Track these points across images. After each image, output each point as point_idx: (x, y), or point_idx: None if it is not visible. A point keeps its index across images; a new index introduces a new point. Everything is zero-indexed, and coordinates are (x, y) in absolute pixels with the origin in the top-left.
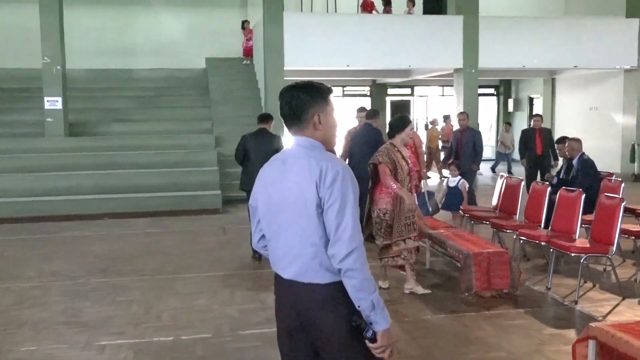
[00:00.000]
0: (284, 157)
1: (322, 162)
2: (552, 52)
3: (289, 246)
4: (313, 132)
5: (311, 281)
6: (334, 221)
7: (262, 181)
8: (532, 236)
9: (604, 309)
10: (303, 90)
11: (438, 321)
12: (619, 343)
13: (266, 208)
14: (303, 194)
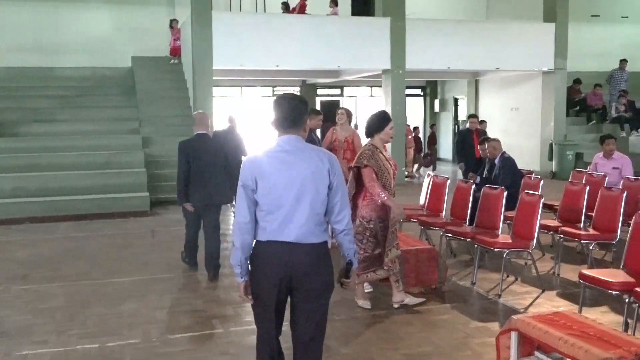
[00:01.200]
0: (286, 150)
1: (326, 154)
2: (476, 55)
3: (300, 215)
4: (302, 133)
5: (309, 242)
6: (340, 198)
7: (264, 168)
8: (458, 233)
9: (525, 302)
10: (300, 101)
11: (368, 318)
12: (539, 333)
13: (274, 188)
14: (316, 177)
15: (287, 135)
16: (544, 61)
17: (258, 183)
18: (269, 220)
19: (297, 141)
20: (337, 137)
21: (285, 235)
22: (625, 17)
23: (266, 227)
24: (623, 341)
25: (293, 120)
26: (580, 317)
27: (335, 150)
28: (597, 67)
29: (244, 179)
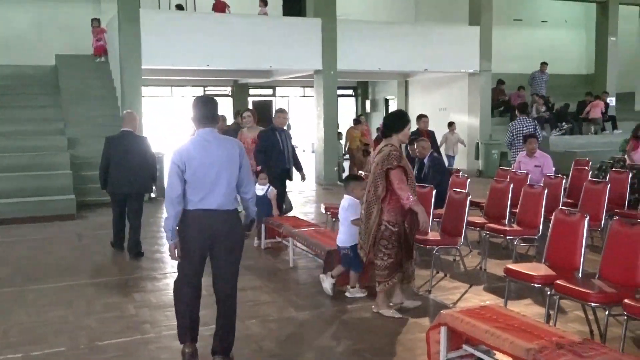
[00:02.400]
0: (207, 139)
1: (236, 142)
2: (405, 56)
3: (219, 189)
4: (217, 126)
5: (227, 208)
6: (247, 174)
7: (190, 153)
8: None
9: (454, 297)
10: (214, 102)
11: (302, 318)
12: (467, 327)
13: (199, 168)
14: (232, 159)
15: (205, 128)
16: (469, 63)
17: (186, 165)
18: (195, 193)
19: (214, 133)
20: (245, 139)
21: (208, 204)
22: (545, 21)
23: (193, 199)
24: (545, 332)
25: (210, 117)
26: (505, 310)
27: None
28: (519, 69)
29: (176, 162)
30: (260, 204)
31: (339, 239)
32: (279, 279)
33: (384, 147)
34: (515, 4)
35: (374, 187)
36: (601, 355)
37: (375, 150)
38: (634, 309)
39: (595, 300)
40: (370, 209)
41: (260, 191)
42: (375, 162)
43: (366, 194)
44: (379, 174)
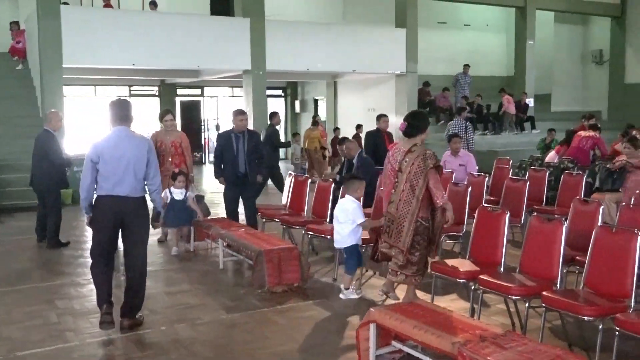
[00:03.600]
0: (120, 136)
1: (145, 140)
2: (333, 57)
3: (128, 178)
4: (131, 125)
5: (135, 195)
6: (152, 168)
7: (104, 149)
8: (319, 231)
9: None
10: (127, 104)
11: (233, 320)
12: (395, 323)
13: (112, 160)
14: (138, 154)
15: (119, 126)
16: (396, 64)
17: (100, 157)
18: (107, 181)
19: (126, 130)
20: (163, 140)
21: (117, 191)
22: (468, 25)
23: (105, 186)
24: (470, 326)
25: (123, 117)
26: (432, 305)
27: (162, 156)
28: (444, 71)
29: (91, 155)
30: (179, 209)
31: (338, 241)
32: (209, 282)
33: (414, 147)
34: (439, 8)
35: (409, 185)
36: (522, 345)
37: (394, 149)
38: (552, 300)
39: (516, 293)
40: (407, 207)
41: (179, 195)
42: (409, 162)
43: (399, 193)
44: (417, 173)
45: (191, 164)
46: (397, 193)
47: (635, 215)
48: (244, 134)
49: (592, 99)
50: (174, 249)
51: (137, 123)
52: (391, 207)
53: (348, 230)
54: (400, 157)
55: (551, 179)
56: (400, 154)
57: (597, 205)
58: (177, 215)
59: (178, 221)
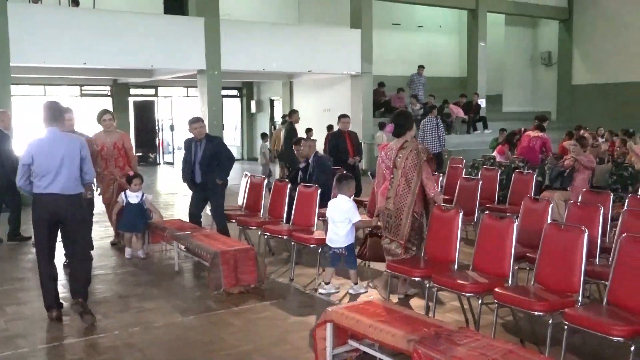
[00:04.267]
0: (52, 137)
1: (77, 138)
2: (289, 57)
3: (62, 176)
4: (62, 127)
5: (70, 193)
6: (86, 164)
7: (38, 148)
8: (275, 231)
9: (340, 294)
10: (58, 105)
11: (189, 323)
12: (352, 322)
13: (45, 159)
14: (72, 152)
15: (51, 127)
16: (351, 65)
17: (33, 158)
18: (42, 180)
19: (58, 131)
20: (104, 143)
21: (52, 189)
22: (421, 26)
23: (41, 185)
24: (424, 323)
25: (54, 118)
26: (388, 304)
27: (106, 160)
28: (399, 72)
29: (25, 157)
30: (136, 212)
31: (335, 240)
32: (164, 284)
33: (405, 144)
34: (393, 9)
35: (404, 179)
36: (475, 341)
37: (386, 150)
38: (504, 297)
39: (469, 290)
40: (403, 201)
41: (135, 198)
42: (402, 157)
43: (395, 188)
44: (412, 167)
45: (135, 165)
46: (394, 188)
47: (583, 213)
48: (202, 141)
49: (541, 99)
50: (127, 250)
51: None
52: (389, 203)
53: (346, 230)
54: (393, 154)
55: (502, 178)
56: (393, 152)
57: (546, 203)
58: (133, 220)
59: (134, 226)
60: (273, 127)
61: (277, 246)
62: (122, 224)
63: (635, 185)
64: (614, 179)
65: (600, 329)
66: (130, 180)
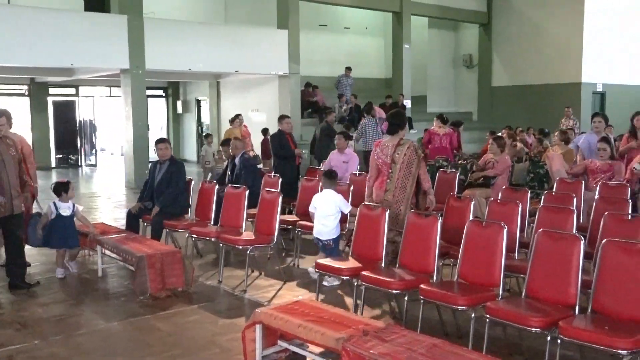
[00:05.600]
0: None
1: None
2: (216, 57)
3: None
4: None
5: None
6: None
7: None
8: (203, 233)
9: (269, 294)
10: None
11: (113, 329)
12: (281, 323)
13: None
14: None
15: None
16: (279, 65)
17: None
18: None
19: None
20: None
21: None
22: (348, 28)
23: None
24: (353, 321)
25: None
26: (317, 303)
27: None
28: (327, 73)
29: None
30: (67, 226)
31: (324, 233)
32: (87, 290)
33: (402, 141)
34: (320, 10)
35: (403, 173)
36: (402, 337)
37: (380, 145)
38: (429, 292)
39: (395, 287)
40: (402, 193)
41: (67, 210)
42: (401, 154)
43: (394, 181)
44: (410, 162)
45: (34, 173)
46: (393, 181)
47: (502, 210)
48: (165, 163)
49: (463, 100)
50: (59, 271)
51: None
52: (387, 195)
53: (335, 223)
54: (391, 151)
55: None
56: (390, 149)
57: (468, 201)
58: (65, 235)
59: (66, 241)
60: (200, 128)
61: (205, 248)
62: (52, 239)
63: (551, 182)
64: (531, 176)
65: (519, 321)
66: (60, 190)
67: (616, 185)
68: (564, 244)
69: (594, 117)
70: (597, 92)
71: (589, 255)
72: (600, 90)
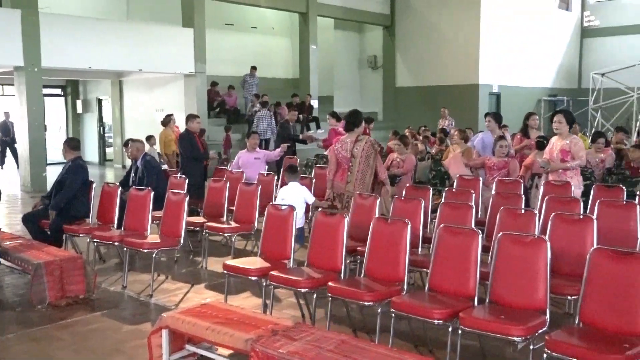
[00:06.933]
0: None
1: None
2: (118, 55)
3: None
4: None
5: None
6: None
7: None
8: (105, 237)
9: (176, 298)
10: None
11: (8, 342)
12: (188, 327)
13: None
14: None
15: None
16: (184, 64)
17: None
18: None
19: None
20: None
21: None
22: (255, 27)
23: None
24: (262, 321)
25: None
26: (225, 305)
27: None
28: (233, 72)
29: None
30: None
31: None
32: None
33: (360, 137)
34: (226, 9)
35: (362, 167)
36: (310, 335)
37: (340, 141)
38: (336, 290)
39: (303, 286)
40: (362, 184)
41: None
42: (359, 149)
43: (355, 173)
44: (368, 156)
45: None
46: (353, 174)
47: (407, 207)
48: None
49: (369, 101)
50: None
51: None
52: (349, 186)
53: (302, 212)
54: (350, 146)
55: None
56: (349, 144)
57: (374, 198)
58: None
59: None
60: (102, 128)
61: (108, 253)
62: None
63: (451, 180)
64: (433, 174)
65: (423, 314)
66: None
67: (511, 181)
68: (463, 239)
69: (485, 117)
70: (493, 93)
71: (487, 248)
72: (496, 92)
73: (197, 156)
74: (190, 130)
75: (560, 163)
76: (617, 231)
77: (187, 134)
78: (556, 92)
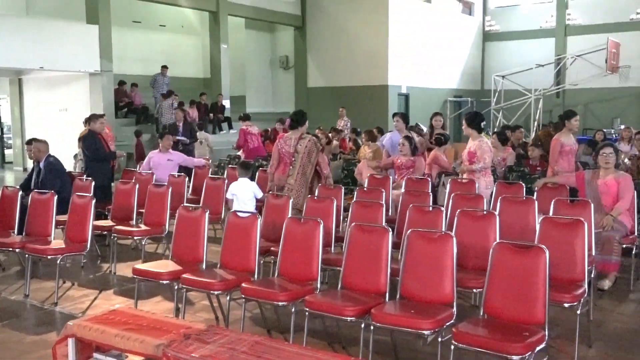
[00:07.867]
0: None
1: None
2: (17, 52)
3: None
4: None
5: None
6: None
7: None
8: (5, 244)
9: (83, 305)
10: None
11: None
12: (96, 334)
13: None
14: None
15: None
16: (89, 62)
17: None
18: None
19: None
20: None
21: None
22: (163, 25)
23: None
24: (173, 326)
25: None
26: (135, 311)
27: None
28: (141, 71)
29: None
30: None
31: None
32: None
33: (304, 135)
34: (134, 6)
35: (304, 163)
36: (224, 337)
37: (283, 137)
38: (250, 291)
39: (217, 288)
40: (303, 178)
41: None
42: (303, 145)
43: (297, 168)
44: (310, 153)
45: None
46: (295, 168)
47: (320, 206)
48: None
49: (281, 101)
50: None
51: None
52: (290, 180)
53: (252, 207)
54: (294, 142)
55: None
56: (293, 141)
57: (287, 198)
58: None
59: None
60: (1, 129)
61: (8, 260)
62: None
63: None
64: (345, 173)
65: (335, 312)
66: None
67: (419, 179)
68: (374, 236)
69: (393, 117)
70: (402, 94)
71: (398, 245)
72: (405, 93)
73: (102, 156)
74: (93, 130)
75: (467, 165)
76: (517, 226)
77: (91, 135)
78: (461, 93)
